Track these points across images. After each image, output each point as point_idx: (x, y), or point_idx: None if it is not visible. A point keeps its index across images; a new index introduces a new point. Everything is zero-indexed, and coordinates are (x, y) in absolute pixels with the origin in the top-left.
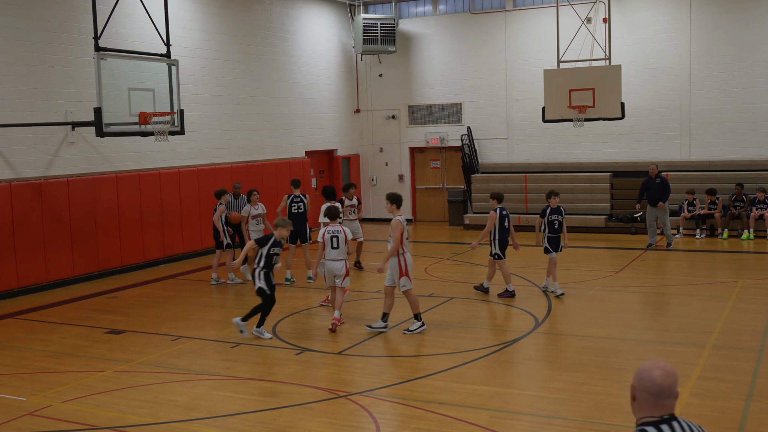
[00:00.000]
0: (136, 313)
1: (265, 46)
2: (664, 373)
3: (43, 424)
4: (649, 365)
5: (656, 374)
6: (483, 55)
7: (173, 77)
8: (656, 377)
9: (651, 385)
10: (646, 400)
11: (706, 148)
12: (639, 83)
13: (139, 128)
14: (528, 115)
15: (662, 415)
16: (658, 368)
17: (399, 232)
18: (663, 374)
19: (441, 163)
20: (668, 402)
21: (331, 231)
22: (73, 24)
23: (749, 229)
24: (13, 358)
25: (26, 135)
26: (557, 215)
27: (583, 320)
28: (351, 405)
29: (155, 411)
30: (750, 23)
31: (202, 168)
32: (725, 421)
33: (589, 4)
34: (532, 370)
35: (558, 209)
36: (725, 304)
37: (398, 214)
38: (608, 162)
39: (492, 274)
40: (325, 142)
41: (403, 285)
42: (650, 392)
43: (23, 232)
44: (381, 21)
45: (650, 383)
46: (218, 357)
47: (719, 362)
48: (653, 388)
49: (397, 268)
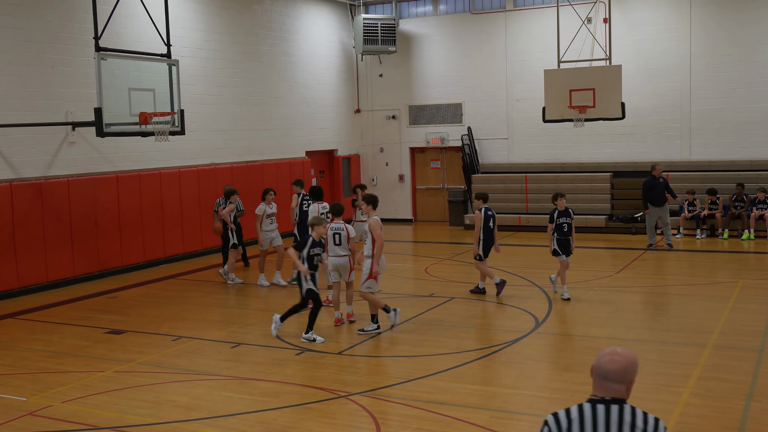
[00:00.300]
0: (137, 313)
1: (265, 46)
2: (613, 359)
3: (44, 424)
4: (608, 350)
5: (606, 360)
6: (483, 55)
7: (173, 77)
8: (605, 362)
9: (599, 368)
10: (596, 380)
11: (706, 148)
12: (639, 83)
13: (140, 128)
14: (528, 115)
15: (604, 396)
16: (611, 354)
17: (380, 230)
18: (611, 361)
19: (441, 163)
20: (614, 386)
21: (335, 228)
22: (74, 24)
23: (750, 229)
24: (14, 358)
25: (26, 135)
26: (566, 218)
27: (584, 320)
28: (351, 405)
29: (156, 411)
30: (751, 23)
31: (203, 168)
32: (725, 421)
33: (590, 4)
34: (532, 370)
35: (566, 211)
36: (726, 304)
37: (374, 215)
38: (609, 162)
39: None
40: (325, 142)
41: (368, 287)
42: (598, 374)
43: (24, 232)
44: (381, 21)
45: (599, 367)
46: (219, 357)
47: (720, 362)
48: (600, 372)
49: (369, 270)
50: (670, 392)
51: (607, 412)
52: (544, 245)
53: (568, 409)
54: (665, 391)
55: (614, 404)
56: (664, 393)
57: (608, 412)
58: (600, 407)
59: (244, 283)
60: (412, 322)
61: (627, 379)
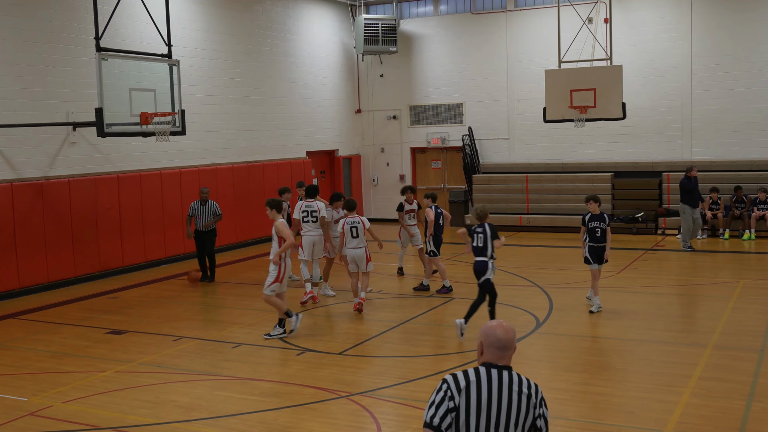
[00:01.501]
0: (138, 313)
1: (266, 47)
2: (505, 330)
3: (45, 425)
4: (494, 324)
5: (499, 331)
6: (484, 56)
7: (174, 77)
8: (499, 333)
9: (495, 340)
10: (492, 352)
11: (707, 149)
12: (640, 83)
13: (141, 128)
14: (529, 116)
15: (497, 363)
16: (500, 326)
17: (288, 232)
18: (504, 330)
19: (442, 163)
20: (506, 353)
21: (350, 222)
22: (74, 24)
23: (750, 229)
24: (15, 359)
25: (27, 135)
26: (599, 222)
27: (585, 320)
28: (352, 405)
29: (156, 411)
30: (751, 23)
31: (204, 168)
32: (726, 422)
33: (591, 5)
34: (533, 370)
35: (601, 216)
36: (727, 305)
37: (279, 217)
38: (609, 162)
39: (431, 270)
40: (326, 142)
41: (273, 290)
42: (495, 346)
43: (24, 232)
44: (382, 21)
45: (495, 338)
46: (219, 357)
47: (721, 362)
48: (495, 341)
49: (276, 272)
50: (671, 392)
51: (500, 376)
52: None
53: (466, 370)
54: (666, 391)
55: (505, 370)
56: (665, 393)
57: (500, 376)
58: (494, 371)
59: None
60: (413, 322)
61: (514, 346)
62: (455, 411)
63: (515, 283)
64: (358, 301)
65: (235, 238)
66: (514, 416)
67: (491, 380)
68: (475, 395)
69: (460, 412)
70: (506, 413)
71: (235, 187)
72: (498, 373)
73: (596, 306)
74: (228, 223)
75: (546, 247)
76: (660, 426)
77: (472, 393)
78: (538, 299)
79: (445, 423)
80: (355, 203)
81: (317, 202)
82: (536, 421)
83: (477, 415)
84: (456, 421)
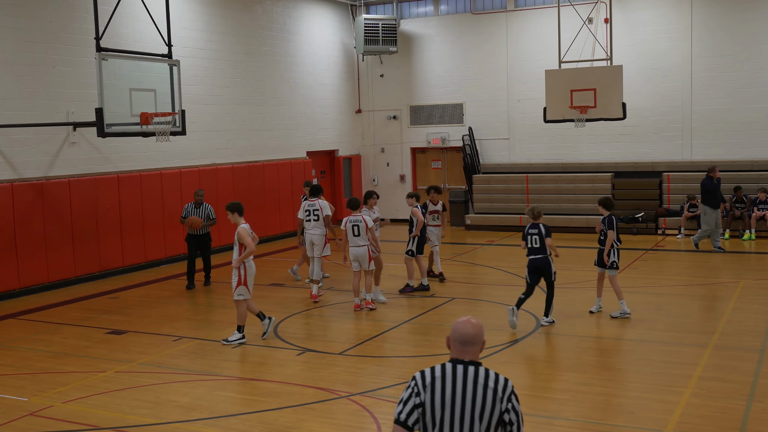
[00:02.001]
0: (138, 313)
1: (266, 47)
2: (470, 325)
3: (45, 425)
4: (461, 319)
5: (462, 327)
6: (484, 56)
7: (175, 77)
8: (462, 329)
9: (458, 335)
10: (456, 347)
11: (707, 149)
12: (640, 83)
13: (141, 129)
14: (529, 116)
15: (463, 358)
16: (466, 322)
17: (248, 239)
18: (468, 326)
19: (442, 163)
20: (470, 348)
21: (352, 220)
22: (75, 24)
23: (751, 229)
24: (15, 359)
25: (27, 135)
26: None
27: (585, 321)
28: (353, 405)
29: (157, 411)
30: (752, 23)
31: (204, 168)
32: (727, 422)
33: (591, 5)
34: (533, 370)
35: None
36: (727, 305)
37: (242, 223)
38: (610, 162)
39: (412, 269)
40: (326, 142)
41: (240, 294)
42: (457, 340)
43: (25, 232)
44: (382, 21)
45: (458, 334)
46: (220, 357)
47: (721, 362)
48: (459, 337)
49: (236, 277)
50: (671, 392)
51: (465, 371)
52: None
53: (433, 367)
54: (666, 391)
55: (471, 365)
56: (665, 393)
57: (465, 372)
58: (459, 367)
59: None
60: (413, 322)
61: (480, 341)
62: (421, 407)
63: (515, 283)
64: (358, 302)
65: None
66: (479, 410)
67: (456, 376)
68: (439, 391)
69: (425, 408)
70: (470, 408)
71: (236, 188)
72: (463, 368)
73: (596, 307)
74: (228, 223)
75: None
76: (660, 426)
77: (436, 389)
78: (538, 299)
79: (412, 419)
80: (358, 202)
81: (319, 201)
82: (503, 415)
83: (441, 411)
84: (423, 417)
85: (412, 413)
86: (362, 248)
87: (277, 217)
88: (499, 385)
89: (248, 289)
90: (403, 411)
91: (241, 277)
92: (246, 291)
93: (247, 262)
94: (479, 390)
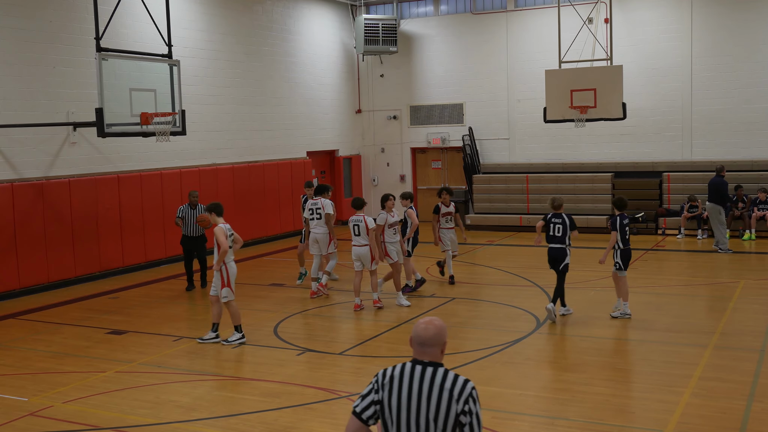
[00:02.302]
0: (138, 313)
1: (266, 47)
2: (426, 328)
3: (45, 425)
4: (421, 321)
5: (421, 328)
6: (484, 56)
7: (175, 77)
8: (420, 331)
9: (416, 336)
10: (415, 348)
11: (707, 149)
12: (641, 83)
13: (141, 129)
14: (529, 116)
15: (423, 359)
16: (428, 323)
17: (222, 239)
18: (425, 329)
19: (442, 163)
20: (429, 350)
21: (354, 220)
22: (75, 24)
23: (751, 229)
24: (15, 359)
25: (28, 135)
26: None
27: (585, 321)
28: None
29: (157, 411)
30: (752, 23)
31: (204, 168)
32: (727, 422)
33: (591, 5)
34: (533, 370)
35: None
36: (727, 305)
37: (221, 223)
38: (610, 162)
39: (410, 271)
40: (326, 142)
41: (225, 296)
42: (416, 342)
43: (25, 232)
44: (382, 21)
45: (416, 335)
46: (220, 357)
47: (721, 363)
48: (417, 339)
49: (219, 278)
50: (671, 392)
51: (423, 372)
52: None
53: (394, 366)
54: (666, 391)
55: (430, 366)
56: (665, 393)
57: (423, 372)
58: (418, 367)
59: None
60: (413, 322)
61: (440, 342)
62: (380, 404)
63: (516, 283)
64: (359, 302)
65: None
66: (433, 412)
67: (413, 376)
68: (396, 391)
69: (384, 406)
70: (425, 408)
71: (236, 188)
72: (421, 369)
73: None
74: (228, 223)
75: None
76: (660, 426)
77: (394, 388)
78: (538, 299)
79: (368, 413)
80: (361, 202)
81: (322, 199)
82: (460, 417)
83: (398, 410)
84: (382, 414)
85: (368, 408)
86: (364, 248)
87: (277, 217)
88: (456, 387)
89: (232, 291)
90: (360, 405)
91: (224, 279)
92: (230, 292)
93: (228, 264)
94: (435, 391)
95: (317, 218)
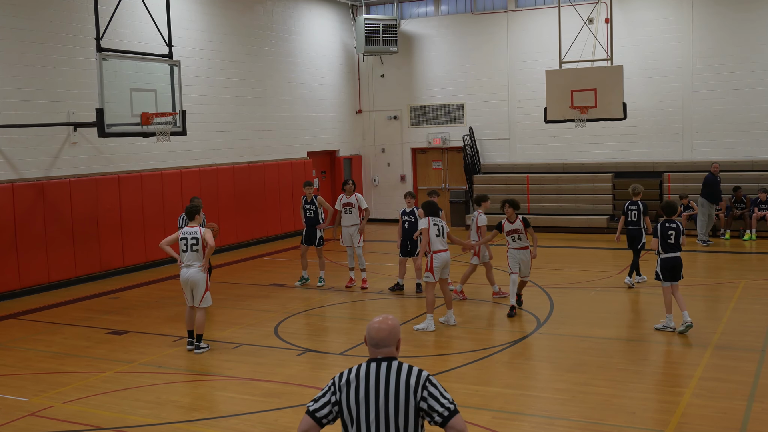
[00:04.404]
0: (138, 313)
1: (267, 47)
2: (379, 328)
3: (45, 425)
4: (376, 321)
5: (374, 329)
6: (485, 56)
7: (175, 78)
8: (372, 332)
9: (369, 337)
10: (369, 348)
11: (708, 149)
12: (641, 84)
13: (141, 129)
14: (530, 116)
15: (376, 357)
16: (376, 324)
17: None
18: (378, 329)
19: (443, 163)
20: (383, 350)
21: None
22: (75, 24)
23: (751, 229)
24: (15, 359)
25: (28, 135)
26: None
27: (586, 321)
28: None
29: (157, 411)
30: (753, 23)
31: (204, 168)
32: (727, 422)
33: (591, 5)
34: (534, 370)
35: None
36: (727, 305)
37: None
38: (610, 162)
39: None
40: (327, 142)
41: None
42: (369, 343)
43: (25, 232)
44: (383, 21)
45: (368, 336)
46: (220, 357)
47: (721, 363)
48: (371, 340)
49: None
50: (672, 392)
51: (378, 367)
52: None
53: (351, 368)
54: (667, 391)
55: (384, 361)
56: (666, 393)
57: (379, 368)
58: (372, 365)
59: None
60: (413, 322)
61: (393, 341)
62: (338, 405)
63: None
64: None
65: (235, 238)
66: (393, 405)
67: (369, 374)
68: (354, 390)
69: (342, 407)
70: (384, 402)
71: (236, 188)
72: (377, 365)
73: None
74: (229, 223)
75: (547, 248)
76: (661, 426)
77: (351, 389)
78: (539, 299)
79: (322, 413)
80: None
81: (356, 195)
82: (420, 404)
83: (357, 408)
84: (341, 415)
85: (323, 408)
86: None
87: (277, 218)
88: (412, 377)
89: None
90: (315, 405)
91: (208, 284)
92: (209, 298)
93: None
94: (392, 384)
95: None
